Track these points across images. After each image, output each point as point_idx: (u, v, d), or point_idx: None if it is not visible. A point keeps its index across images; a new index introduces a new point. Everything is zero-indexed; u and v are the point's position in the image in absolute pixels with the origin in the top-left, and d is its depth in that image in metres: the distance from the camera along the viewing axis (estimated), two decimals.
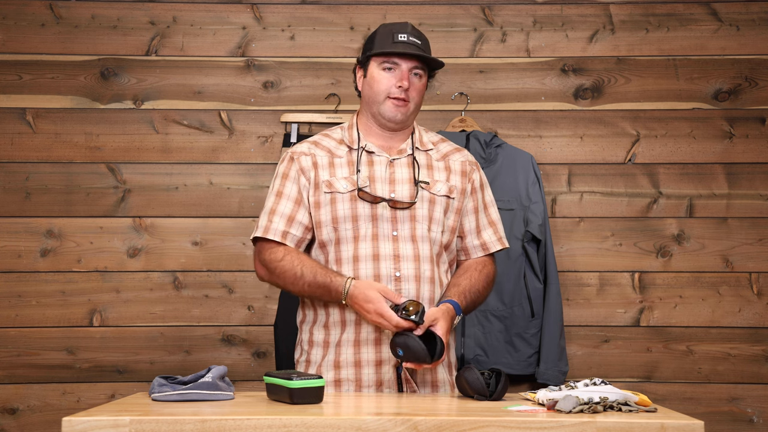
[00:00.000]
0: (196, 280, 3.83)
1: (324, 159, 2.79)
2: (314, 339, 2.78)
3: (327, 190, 2.75)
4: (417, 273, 2.72)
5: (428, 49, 2.80)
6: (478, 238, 2.86)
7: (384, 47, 2.75)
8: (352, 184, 2.75)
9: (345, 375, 2.72)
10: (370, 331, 2.70)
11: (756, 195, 3.85)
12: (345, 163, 2.79)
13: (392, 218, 2.74)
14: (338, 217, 2.73)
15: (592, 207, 3.86)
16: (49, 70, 3.85)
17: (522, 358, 3.66)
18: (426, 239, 2.75)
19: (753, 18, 3.88)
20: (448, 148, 2.90)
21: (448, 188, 2.81)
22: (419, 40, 2.78)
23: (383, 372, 2.70)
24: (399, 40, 2.75)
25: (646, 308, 3.84)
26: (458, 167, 2.86)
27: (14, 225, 3.81)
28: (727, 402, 3.81)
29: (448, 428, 2.08)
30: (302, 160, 2.79)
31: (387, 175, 2.78)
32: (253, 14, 3.89)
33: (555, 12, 3.89)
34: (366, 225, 2.72)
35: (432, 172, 2.82)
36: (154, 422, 2.08)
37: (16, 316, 3.79)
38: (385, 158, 2.79)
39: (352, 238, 2.72)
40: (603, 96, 3.88)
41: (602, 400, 2.21)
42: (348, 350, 2.71)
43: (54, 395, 3.78)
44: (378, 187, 2.75)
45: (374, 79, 2.77)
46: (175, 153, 3.85)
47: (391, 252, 2.72)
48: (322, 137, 2.86)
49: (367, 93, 2.80)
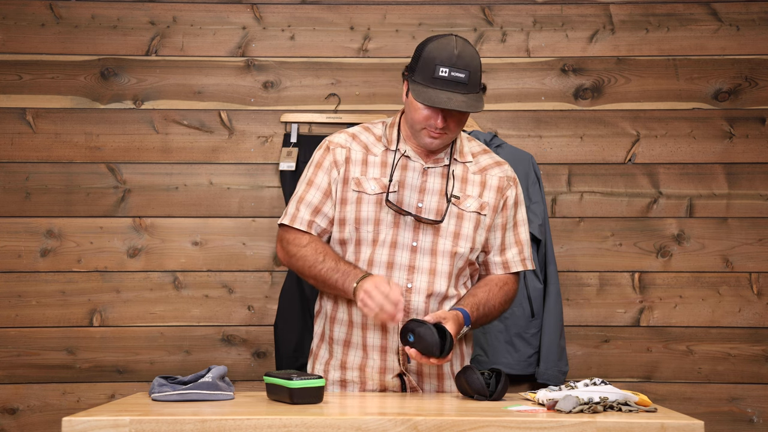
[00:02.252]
0: (196, 280, 3.83)
1: (358, 154, 2.74)
2: (325, 334, 2.77)
3: (355, 188, 2.70)
4: (429, 287, 2.67)
5: (477, 74, 2.62)
6: (501, 255, 2.79)
7: (423, 79, 2.60)
8: (381, 187, 2.70)
9: (350, 376, 2.72)
10: (376, 337, 2.68)
11: (756, 195, 3.85)
12: (378, 162, 2.73)
13: (415, 228, 2.69)
14: (361, 218, 2.69)
15: (592, 207, 3.86)
16: (49, 70, 3.84)
17: (522, 358, 3.66)
18: (447, 254, 2.69)
19: (753, 18, 3.88)
20: (488, 161, 2.80)
21: (480, 204, 2.73)
22: (464, 72, 2.59)
23: (387, 379, 2.69)
24: (439, 76, 2.58)
25: (646, 308, 3.84)
26: (495, 182, 2.77)
27: (14, 225, 3.81)
28: (727, 402, 3.81)
29: (448, 428, 2.08)
30: (337, 152, 2.74)
31: (418, 183, 2.71)
32: (253, 14, 3.89)
33: (555, 12, 3.89)
34: (387, 230, 2.68)
35: (466, 186, 2.74)
36: (154, 422, 2.08)
37: (16, 316, 3.79)
38: (419, 165, 2.73)
39: (371, 241, 2.68)
40: (603, 96, 3.88)
41: (602, 400, 2.22)
42: (357, 352, 2.70)
43: (54, 395, 3.78)
44: (407, 194, 2.70)
45: (411, 107, 2.66)
46: (175, 153, 3.85)
47: (407, 262, 2.67)
48: (362, 130, 2.79)
49: (407, 112, 2.71)
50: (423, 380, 2.71)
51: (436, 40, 2.65)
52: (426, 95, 2.58)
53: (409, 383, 2.69)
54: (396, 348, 2.68)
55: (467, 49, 2.63)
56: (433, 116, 2.62)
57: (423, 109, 2.62)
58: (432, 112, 2.62)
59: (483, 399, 2.44)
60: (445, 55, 2.60)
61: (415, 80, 2.62)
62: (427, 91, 2.59)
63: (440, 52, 2.60)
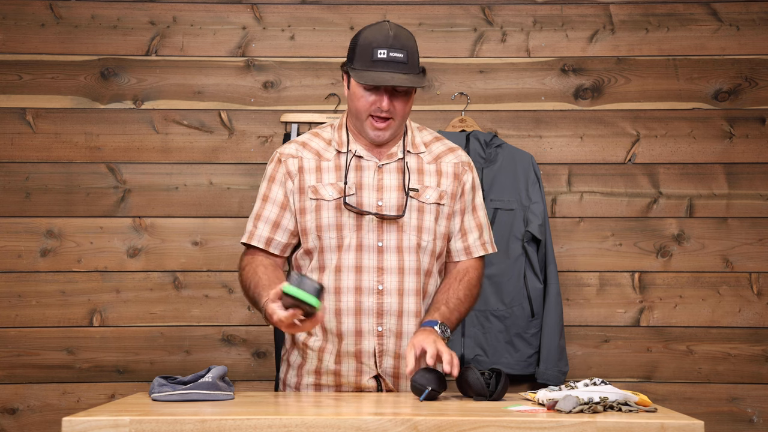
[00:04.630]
0: (196, 280, 3.83)
1: (311, 162, 2.70)
2: (296, 339, 2.74)
3: (312, 196, 2.67)
4: (400, 286, 2.65)
5: (414, 55, 2.63)
6: (463, 241, 2.76)
7: (363, 64, 2.60)
8: (339, 192, 2.66)
9: (325, 380, 2.69)
10: (351, 343, 2.65)
11: (756, 195, 3.85)
12: (332, 167, 2.69)
13: (378, 228, 2.66)
14: (322, 225, 2.65)
15: (592, 207, 3.86)
16: (49, 70, 3.85)
17: (522, 358, 3.66)
18: (413, 250, 2.66)
19: (753, 18, 3.88)
20: (441, 148, 2.78)
21: (438, 194, 2.71)
22: (402, 51, 2.60)
23: (363, 381, 2.66)
24: (378, 58, 2.59)
25: (646, 308, 3.84)
26: (450, 169, 2.75)
27: (14, 225, 3.81)
28: (727, 402, 3.81)
29: (448, 428, 2.08)
30: (289, 163, 2.71)
31: (375, 181, 2.68)
32: (253, 14, 3.89)
33: (555, 12, 3.89)
34: (350, 234, 2.65)
35: (423, 177, 2.71)
36: (154, 422, 2.08)
37: (16, 316, 3.79)
38: (373, 163, 2.70)
39: (336, 247, 2.65)
40: (603, 96, 3.88)
41: (602, 400, 2.21)
42: (331, 357, 2.67)
43: (54, 395, 3.78)
44: (365, 195, 2.67)
45: (354, 95, 2.64)
46: (175, 153, 3.85)
47: (375, 264, 2.64)
48: (311, 137, 2.76)
49: (350, 105, 2.69)
50: (399, 381, 2.68)
51: (369, 28, 2.66)
52: (369, 76, 2.58)
53: (385, 385, 2.67)
54: (372, 350, 2.65)
55: (402, 31, 2.65)
56: (378, 99, 2.61)
57: (367, 95, 2.61)
58: (377, 96, 2.61)
59: (483, 399, 2.44)
60: (381, 38, 2.61)
61: (355, 67, 2.62)
62: (369, 73, 2.59)
63: (375, 35, 2.62)
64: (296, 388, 2.73)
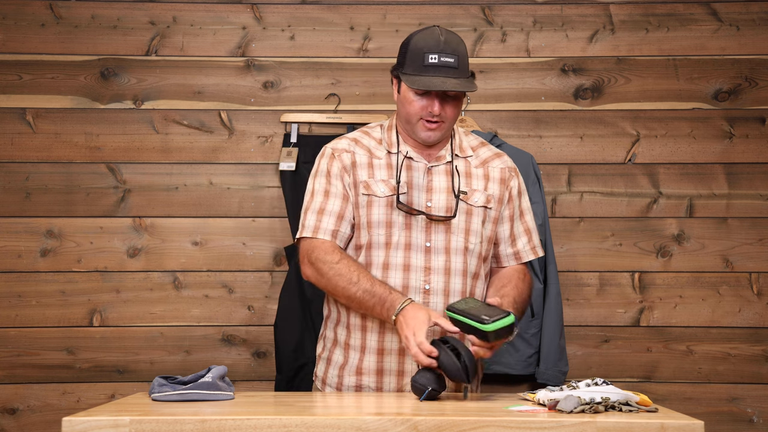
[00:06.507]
0: (196, 280, 3.83)
1: (363, 158, 2.73)
2: (338, 338, 2.75)
3: (365, 191, 2.70)
4: (446, 287, 2.67)
5: (465, 60, 2.66)
6: (512, 246, 2.80)
7: (414, 69, 2.63)
8: (390, 190, 2.69)
9: (366, 381, 2.70)
10: (394, 341, 2.66)
11: (756, 195, 3.85)
12: (384, 165, 2.72)
13: (427, 228, 2.68)
14: (372, 221, 2.68)
15: (592, 207, 3.86)
16: (49, 70, 3.85)
17: (522, 358, 3.66)
18: (461, 252, 2.69)
19: (753, 18, 3.88)
20: (487, 153, 2.81)
21: (486, 198, 2.74)
22: (453, 56, 2.63)
23: (405, 383, 2.67)
24: (429, 63, 2.62)
25: (646, 308, 3.84)
26: (497, 174, 2.78)
27: (14, 225, 3.81)
28: (727, 402, 3.81)
29: (448, 428, 2.08)
30: (343, 157, 2.73)
31: (425, 182, 2.71)
32: (253, 14, 3.89)
33: (555, 12, 3.89)
34: (399, 232, 2.67)
35: (470, 180, 2.75)
36: (154, 422, 2.08)
37: (16, 316, 3.79)
38: (423, 164, 2.73)
39: (384, 244, 2.67)
40: (603, 96, 3.88)
41: (604, 400, 2.21)
42: (372, 357, 2.68)
43: (54, 395, 3.78)
44: (415, 195, 2.69)
45: (406, 100, 2.67)
46: (175, 153, 3.85)
47: (422, 263, 2.67)
48: (362, 135, 2.79)
49: (400, 109, 2.72)
50: None
51: (420, 33, 2.69)
52: (420, 81, 2.61)
53: None
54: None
55: (452, 36, 2.67)
56: (429, 104, 2.64)
57: (418, 99, 2.64)
58: (428, 100, 2.64)
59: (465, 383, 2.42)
60: (432, 43, 2.63)
61: (406, 72, 2.64)
62: (421, 78, 2.61)
63: (427, 41, 2.64)
64: (337, 388, 2.74)
